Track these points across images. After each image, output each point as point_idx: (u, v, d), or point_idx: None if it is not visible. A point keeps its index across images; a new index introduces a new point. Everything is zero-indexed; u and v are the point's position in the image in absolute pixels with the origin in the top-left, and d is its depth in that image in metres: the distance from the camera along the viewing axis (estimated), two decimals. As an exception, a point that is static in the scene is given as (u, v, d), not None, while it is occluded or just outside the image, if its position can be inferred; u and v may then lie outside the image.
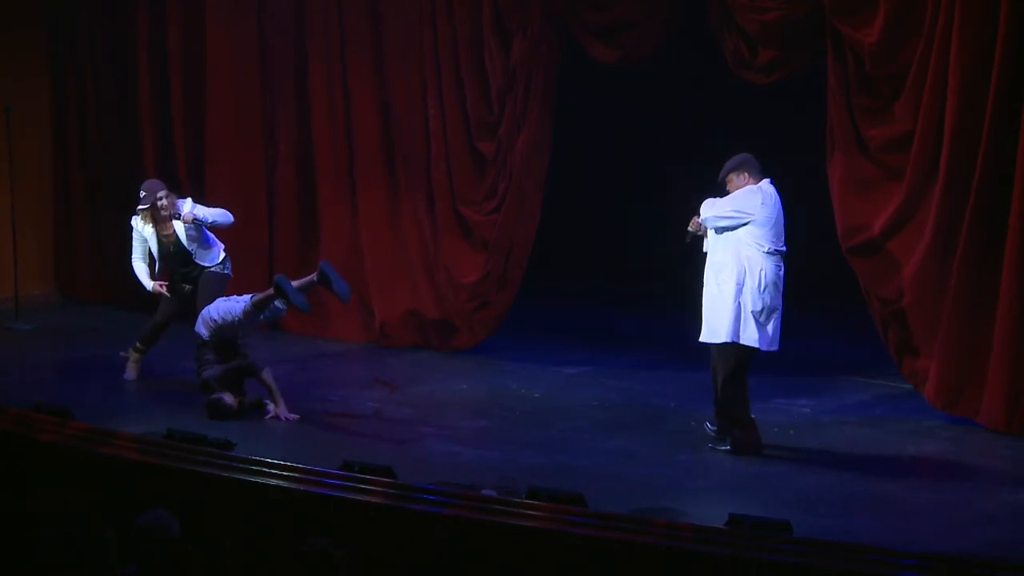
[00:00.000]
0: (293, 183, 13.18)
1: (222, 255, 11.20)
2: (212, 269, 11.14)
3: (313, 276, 10.58)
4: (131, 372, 11.45)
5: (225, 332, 10.51)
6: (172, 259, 11.18)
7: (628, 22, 11.40)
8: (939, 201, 9.88)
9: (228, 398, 10.35)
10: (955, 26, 9.69)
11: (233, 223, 11.18)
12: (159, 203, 11.01)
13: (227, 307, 10.53)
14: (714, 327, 9.46)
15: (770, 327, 9.45)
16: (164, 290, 11.16)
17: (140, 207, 11.10)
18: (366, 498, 6.84)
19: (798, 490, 8.93)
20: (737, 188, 9.51)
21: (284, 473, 7.17)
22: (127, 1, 13.90)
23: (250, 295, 10.52)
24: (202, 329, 10.55)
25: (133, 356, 11.48)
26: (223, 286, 11.15)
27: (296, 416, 10.35)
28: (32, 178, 14.40)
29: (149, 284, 11.20)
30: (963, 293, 9.85)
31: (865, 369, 11.47)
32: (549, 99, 11.92)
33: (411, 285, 12.62)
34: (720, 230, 9.46)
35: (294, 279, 10.60)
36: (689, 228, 9.67)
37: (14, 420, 7.99)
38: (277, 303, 10.46)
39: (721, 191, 9.60)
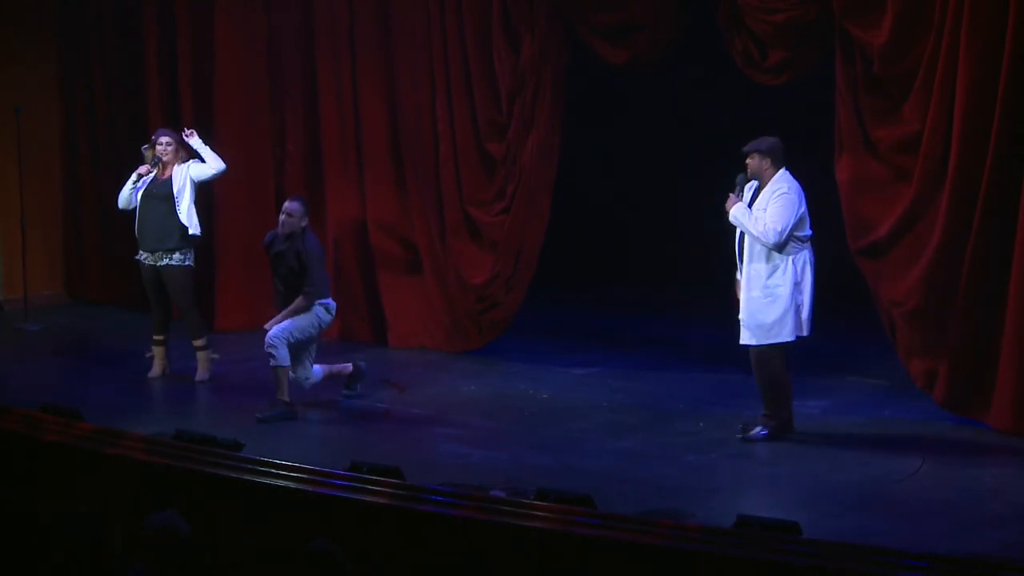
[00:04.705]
0: (301, 183, 13.18)
1: (197, 229, 11.34)
2: (173, 263, 11.29)
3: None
4: (155, 369, 11.51)
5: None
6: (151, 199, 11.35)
7: (634, 24, 11.39)
8: (948, 202, 9.87)
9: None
10: (963, 27, 9.67)
11: (222, 171, 11.46)
12: (159, 147, 11.32)
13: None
14: (767, 329, 9.66)
15: (807, 312, 9.73)
16: (147, 168, 11.36)
17: (146, 146, 11.46)
18: (374, 499, 6.83)
19: (807, 491, 8.92)
20: (756, 170, 9.71)
21: (293, 474, 7.15)
22: (136, 4, 13.93)
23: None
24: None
25: (157, 352, 11.55)
26: (189, 277, 11.41)
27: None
28: (41, 180, 14.42)
29: (132, 176, 11.39)
30: (971, 294, 9.83)
31: (874, 370, 11.45)
32: (558, 100, 11.91)
33: (420, 286, 12.62)
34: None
35: None
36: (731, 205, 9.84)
37: (20, 421, 7.98)
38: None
39: (740, 163, 9.80)
